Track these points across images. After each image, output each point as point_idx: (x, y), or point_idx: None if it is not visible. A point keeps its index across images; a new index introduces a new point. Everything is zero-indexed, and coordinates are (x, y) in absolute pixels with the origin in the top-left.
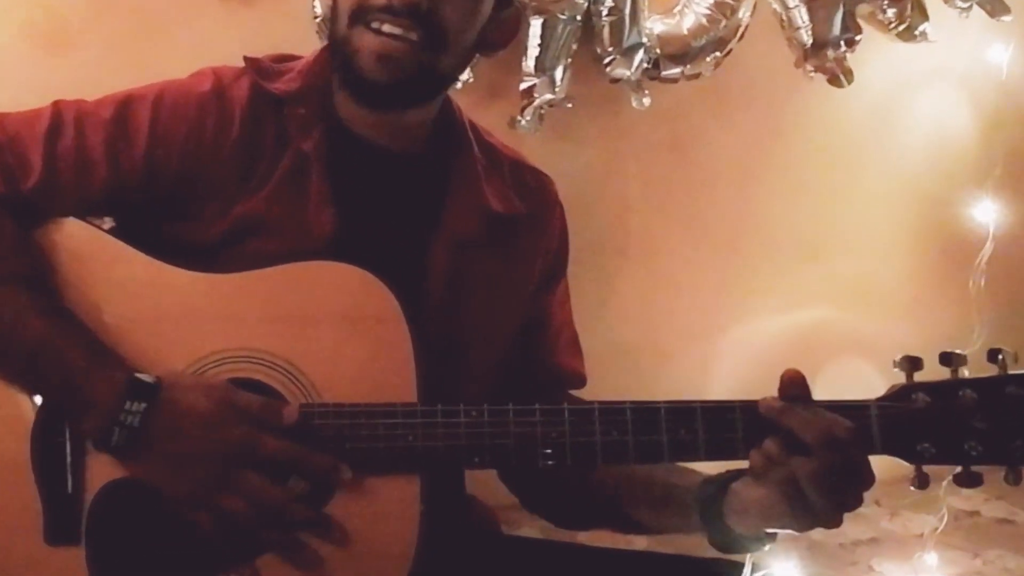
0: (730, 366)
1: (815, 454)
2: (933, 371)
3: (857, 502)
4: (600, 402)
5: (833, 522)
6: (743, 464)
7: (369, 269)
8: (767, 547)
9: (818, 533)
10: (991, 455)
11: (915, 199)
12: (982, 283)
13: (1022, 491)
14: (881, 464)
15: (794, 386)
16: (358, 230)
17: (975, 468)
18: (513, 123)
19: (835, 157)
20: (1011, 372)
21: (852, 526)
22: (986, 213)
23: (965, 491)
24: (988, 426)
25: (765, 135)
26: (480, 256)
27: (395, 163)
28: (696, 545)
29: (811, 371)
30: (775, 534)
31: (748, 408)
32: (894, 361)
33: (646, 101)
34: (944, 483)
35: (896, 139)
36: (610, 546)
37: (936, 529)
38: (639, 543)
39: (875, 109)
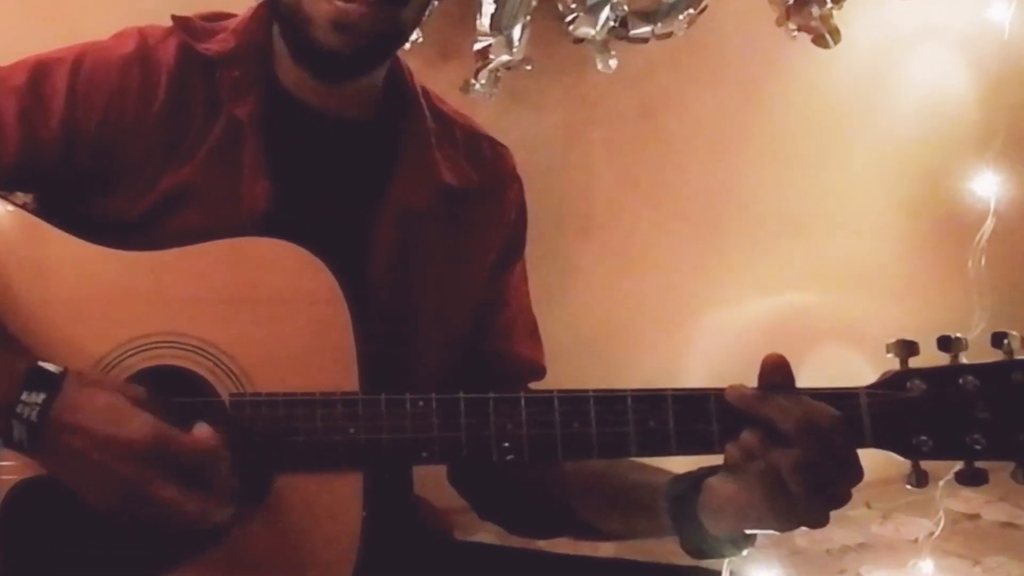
0: (706, 355)
1: (797, 445)
2: (930, 357)
3: (844, 499)
4: (560, 391)
5: (818, 521)
6: (718, 460)
7: (308, 246)
8: (745, 552)
9: (802, 538)
10: (996, 449)
11: (909, 171)
12: (982, 262)
13: None
14: (872, 461)
15: (777, 372)
16: (296, 204)
17: (978, 464)
18: (466, 87)
19: (821, 125)
20: (1017, 357)
21: (839, 530)
22: (987, 186)
23: (964, 492)
24: (992, 417)
25: (744, 100)
26: (430, 231)
27: (339, 131)
28: (669, 551)
29: (795, 359)
30: (754, 536)
31: (724, 397)
32: (887, 345)
33: (612, 63)
34: (941, 483)
35: (888, 105)
36: (574, 552)
37: (932, 534)
38: (606, 549)
39: (864, 72)
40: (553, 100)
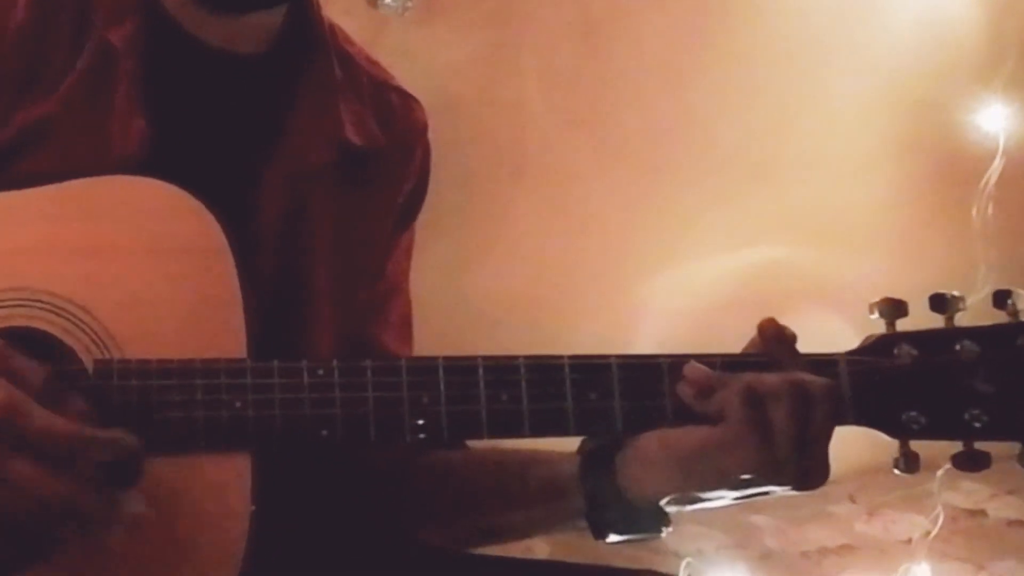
0: (657, 322)
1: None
2: (922, 319)
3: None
4: (486, 356)
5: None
6: None
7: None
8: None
9: (773, 538)
10: (999, 427)
11: (901, 102)
12: (989, 210)
13: None
14: (855, 447)
15: (779, 343)
16: (174, 149)
17: (978, 445)
18: (374, 2)
19: (795, 48)
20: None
21: (817, 529)
22: (994, 120)
23: (966, 484)
24: (995, 389)
25: (703, 17)
26: (325, 193)
27: (228, 68)
28: (614, 552)
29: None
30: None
31: (679, 366)
32: (871, 305)
33: None
34: (939, 472)
35: (876, 25)
36: (503, 555)
37: (928, 533)
38: (540, 550)
39: None
40: (477, 17)
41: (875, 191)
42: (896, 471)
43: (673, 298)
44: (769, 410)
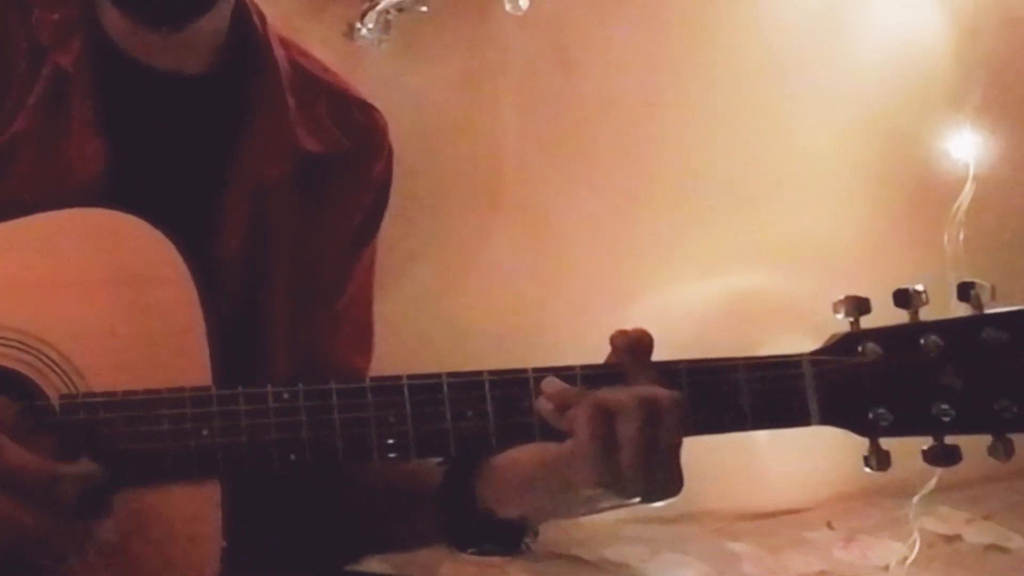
0: None
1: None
2: (886, 316)
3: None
4: (450, 373)
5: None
6: None
7: (149, 219)
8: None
9: (751, 566)
10: (968, 421)
11: (873, 131)
12: (960, 237)
13: (1016, 509)
14: (832, 473)
15: (630, 353)
16: (134, 169)
17: (949, 440)
18: (351, 32)
19: (769, 76)
20: (988, 311)
21: (794, 555)
22: (964, 147)
23: (943, 509)
24: (962, 382)
25: (677, 46)
26: (285, 206)
27: (173, 88)
28: None
29: (741, 351)
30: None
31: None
32: (834, 304)
33: (523, 3)
34: (915, 499)
35: (848, 52)
36: None
37: (906, 559)
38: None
39: (821, 12)
40: (454, 47)
41: (847, 217)
42: (867, 469)
43: (649, 323)
44: (617, 424)
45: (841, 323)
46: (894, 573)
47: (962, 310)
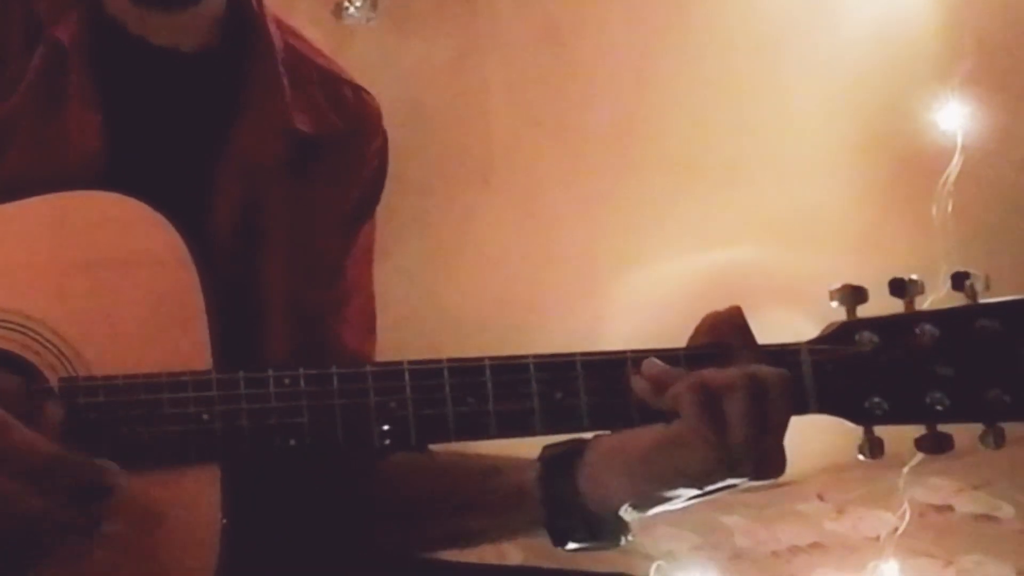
0: (625, 323)
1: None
2: (882, 304)
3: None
4: (451, 359)
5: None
6: None
7: (146, 199)
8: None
9: (744, 538)
10: (961, 410)
11: (861, 103)
12: (948, 208)
13: (1006, 479)
14: (822, 445)
15: (735, 333)
16: (131, 145)
17: (942, 428)
18: (339, 11)
19: (758, 49)
20: (982, 301)
21: (787, 528)
22: (952, 118)
23: (933, 480)
24: (955, 372)
25: (666, 22)
26: (279, 187)
27: (170, 65)
28: (585, 556)
29: None
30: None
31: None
32: (831, 292)
33: None
34: (905, 469)
35: (835, 25)
36: (477, 561)
37: (896, 530)
38: (513, 556)
39: None
40: (442, 25)
41: (836, 190)
42: (861, 457)
43: (640, 298)
44: (724, 404)
45: (838, 312)
46: (885, 544)
47: (951, 288)
